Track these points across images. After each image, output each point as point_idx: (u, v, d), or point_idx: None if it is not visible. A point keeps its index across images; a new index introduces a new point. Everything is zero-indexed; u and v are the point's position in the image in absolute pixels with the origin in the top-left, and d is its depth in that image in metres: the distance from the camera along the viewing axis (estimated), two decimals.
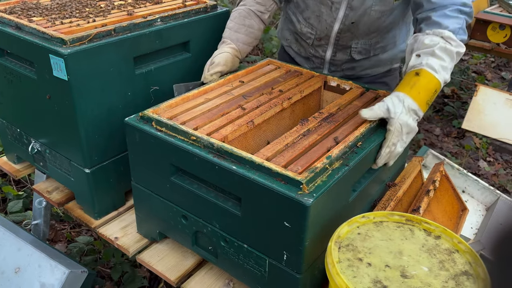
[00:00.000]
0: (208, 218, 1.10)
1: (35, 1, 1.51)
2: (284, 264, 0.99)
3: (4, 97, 1.50)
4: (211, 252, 1.17)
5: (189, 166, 1.06)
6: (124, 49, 1.30)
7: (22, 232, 1.58)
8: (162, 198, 1.19)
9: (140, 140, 1.14)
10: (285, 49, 1.82)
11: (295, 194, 0.89)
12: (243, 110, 1.21)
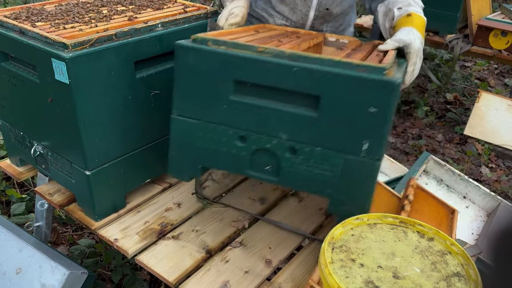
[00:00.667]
0: (273, 131, 1.07)
1: (39, 6, 1.55)
2: (362, 156, 1.00)
3: (8, 101, 1.53)
4: (270, 172, 1.13)
5: (259, 77, 1.04)
6: (125, 53, 1.32)
7: (24, 233, 1.60)
8: (214, 124, 1.13)
9: (195, 62, 1.08)
10: None
11: (382, 77, 0.94)
12: (281, 42, 1.24)
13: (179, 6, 1.64)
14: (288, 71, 1.00)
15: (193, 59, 1.08)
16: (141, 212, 1.51)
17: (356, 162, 1.01)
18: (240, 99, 1.09)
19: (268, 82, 1.04)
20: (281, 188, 1.65)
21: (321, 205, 1.57)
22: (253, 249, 1.37)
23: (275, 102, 1.06)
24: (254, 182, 1.68)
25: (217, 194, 1.62)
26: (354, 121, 0.99)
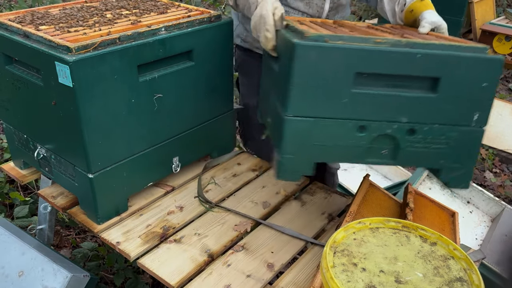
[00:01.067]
0: (393, 117, 1.14)
1: (43, 10, 1.56)
2: (473, 125, 1.15)
3: (12, 104, 1.54)
4: (387, 156, 1.20)
5: (380, 66, 1.10)
6: (128, 57, 1.33)
7: (27, 236, 1.60)
8: (333, 119, 1.16)
9: (316, 60, 1.09)
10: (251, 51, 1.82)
11: (488, 55, 1.10)
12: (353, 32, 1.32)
13: (183, 10, 1.65)
14: (409, 58, 1.09)
15: (315, 56, 1.09)
16: (144, 215, 1.51)
17: (468, 132, 1.16)
18: (361, 90, 1.13)
19: (388, 71, 1.11)
20: (283, 192, 1.65)
21: (323, 209, 1.56)
22: (255, 253, 1.36)
23: (395, 89, 1.13)
24: (257, 187, 1.68)
25: (220, 198, 1.62)
26: (469, 97, 1.13)
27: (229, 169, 1.80)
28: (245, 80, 1.90)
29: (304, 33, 1.10)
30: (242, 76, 1.91)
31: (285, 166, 1.20)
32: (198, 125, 1.68)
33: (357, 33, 1.24)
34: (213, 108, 1.72)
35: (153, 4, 1.69)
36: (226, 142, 1.87)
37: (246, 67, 1.87)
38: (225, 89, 1.75)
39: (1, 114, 1.64)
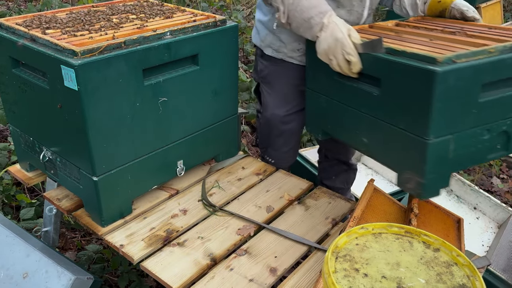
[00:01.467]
0: (507, 114, 1.31)
1: (50, 14, 1.57)
2: None
3: (18, 107, 1.56)
4: (501, 149, 1.36)
5: (502, 73, 1.24)
6: (134, 61, 1.34)
7: (32, 238, 1.61)
8: (465, 131, 1.26)
9: (453, 82, 1.16)
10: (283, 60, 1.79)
11: None
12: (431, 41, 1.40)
13: (188, 15, 1.66)
14: None
15: (452, 79, 1.15)
16: (147, 218, 1.52)
17: None
18: (487, 98, 1.22)
19: (508, 75, 1.22)
20: (287, 197, 1.64)
21: (327, 214, 1.56)
22: (258, 257, 1.36)
23: (510, 88, 1.25)
24: (260, 191, 1.68)
25: (224, 201, 1.62)
26: None
27: (233, 173, 1.80)
28: (270, 90, 1.84)
29: (435, 58, 1.14)
30: (268, 86, 1.85)
31: (429, 185, 1.26)
32: (203, 129, 1.69)
33: (422, 37, 1.39)
34: (217, 111, 1.73)
35: (159, 8, 1.70)
36: (230, 145, 1.87)
37: (274, 77, 1.81)
38: (230, 93, 1.75)
39: (8, 116, 1.66)
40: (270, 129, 1.90)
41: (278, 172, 1.81)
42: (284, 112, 1.83)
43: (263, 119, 1.91)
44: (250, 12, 4.54)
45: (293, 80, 1.79)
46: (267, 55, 1.80)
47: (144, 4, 1.78)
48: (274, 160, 1.93)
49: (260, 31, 1.79)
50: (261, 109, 1.92)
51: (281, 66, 1.79)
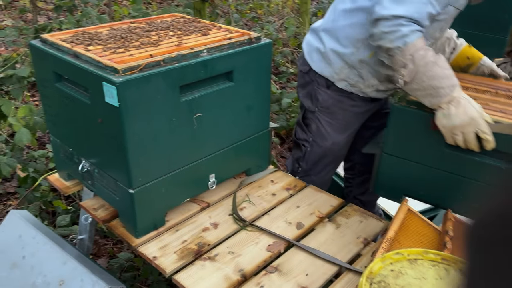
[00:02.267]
0: None
1: (92, 30, 1.63)
2: None
3: (59, 119, 1.62)
4: None
5: None
6: (172, 78, 1.38)
7: (68, 246, 1.67)
8: None
9: None
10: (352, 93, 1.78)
11: None
12: None
13: (224, 31, 1.69)
14: None
15: None
16: (180, 231, 1.55)
17: None
18: None
19: None
20: (318, 213, 1.64)
21: (359, 233, 1.55)
22: (288, 276, 1.37)
23: None
24: (291, 206, 1.69)
25: (254, 216, 1.63)
26: None
27: (264, 187, 1.81)
28: (332, 119, 1.82)
29: None
30: (329, 115, 1.82)
31: None
32: (235, 143, 1.71)
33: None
34: (249, 126, 1.75)
35: (196, 25, 1.74)
36: (261, 160, 1.88)
37: (339, 108, 1.79)
38: (262, 108, 1.77)
39: (49, 127, 1.72)
40: (323, 157, 1.89)
41: (308, 187, 1.81)
42: (344, 139, 1.87)
43: (316, 148, 1.88)
44: (281, 24, 4.57)
45: (357, 109, 1.81)
46: (337, 87, 1.76)
47: (181, 20, 1.82)
48: (318, 186, 1.92)
49: (334, 62, 1.72)
50: (311, 137, 1.89)
51: (348, 97, 1.78)
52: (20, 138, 2.19)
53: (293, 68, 4.07)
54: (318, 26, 1.82)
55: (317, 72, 1.79)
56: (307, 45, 1.86)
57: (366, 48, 1.64)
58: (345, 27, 1.67)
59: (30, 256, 1.60)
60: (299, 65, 1.91)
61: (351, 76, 1.72)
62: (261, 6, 4.78)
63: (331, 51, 1.72)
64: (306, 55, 1.83)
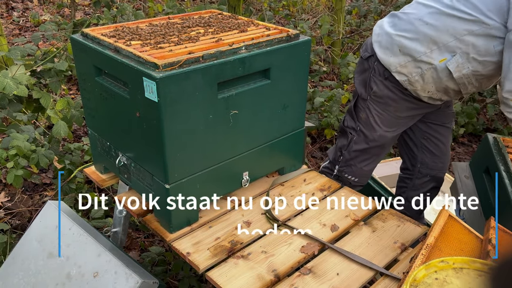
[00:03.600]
0: None
1: (133, 25, 1.65)
2: None
3: (98, 113, 1.64)
4: None
5: None
6: (210, 75, 1.37)
7: (102, 238, 1.69)
8: None
9: None
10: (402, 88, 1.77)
11: None
12: None
13: (262, 28, 1.67)
14: None
15: None
16: (213, 227, 1.54)
17: None
18: None
19: None
20: (353, 216, 1.60)
21: (396, 238, 1.50)
22: (322, 278, 1.34)
23: None
24: (325, 208, 1.66)
25: (287, 216, 1.61)
26: None
27: (297, 187, 1.79)
28: (383, 111, 1.82)
29: None
30: (381, 106, 1.82)
31: None
32: (270, 141, 1.69)
33: None
34: (285, 125, 1.73)
35: (234, 22, 1.73)
36: (295, 159, 1.86)
37: (394, 101, 1.79)
38: (298, 107, 1.75)
39: (87, 121, 1.75)
40: (367, 148, 1.89)
41: (343, 189, 1.77)
42: (391, 133, 1.86)
43: (361, 138, 1.89)
44: (315, 22, 4.52)
45: (411, 105, 1.80)
46: (396, 79, 1.74)
47: (219, 17, 1.82)
48: (358, 178, 1.92)
49: (401, 54, 1.70)
50: (359, 126, 1.89)
51: (402, 93, 1.77)
52: (58, 131, 2.23)
53: (326, 67, 4.02)
54: (401, 12, 1.76)
55: (378, 59, 1.76)
56: (379, 27, 1.81)
57: (440, 53, 1.63)
58: (429, 25, 1.63)
59: (65, 247, 1.63)
60: (362, 51, 1.90)
61: (413, 73, 1.70)
62: (295, 4, 4.74)
63: (402, 40, 1.69)
64: (374, 39, 1.80)
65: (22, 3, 6.64)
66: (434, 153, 2.01)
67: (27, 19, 5.94)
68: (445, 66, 1.63)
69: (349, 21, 4.68)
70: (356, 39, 4.49)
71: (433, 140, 1.99)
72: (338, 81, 3.87)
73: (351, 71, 3.69)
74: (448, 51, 1.61)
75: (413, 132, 2.00)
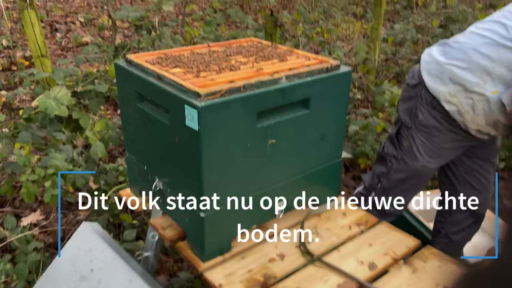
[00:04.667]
0: None
1: (175, 53, 1.67)
2: None
3: (138, 137, 1.66)
4: None
5: None
6: (250, 104, 1.37)
7: (133, 262, 1.69)
8: None
9: None
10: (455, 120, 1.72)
11: None
12: None
13: (302, 58, 1.66)
14: None
15: None
16: (246, 259, 1.51)
17: None
18: None
19: None
20: (392, 254, 1.54)
21: (438, 280, 1.43)
22: None
23: None
24: (362, 244, 1.60)
25: (322, 251, 1.56)
26: None
27: (333, 220, 1.74)
28: (428, 141, 1.78)
29: None
30: (426, 136, 1.77)
31: None
32: (306, 172, 1.66)
33: None
34: (322, 155, 1.70)
35: (274, 51, 1.74)
36: (331, 190, 1.82)
37: (439, 131, 1.75)
38: (336, 137, 1.71)
39: (126, 144, 1.77)
40: (407, 178, 1.85)
41: (381, 224, 1.71)
42: (434, 164, 1.82)
43: (402, 167, 1.84)
44: (351, 49, 4.51)
45: (456, 137, 1.75)
46: (444, 108, 1.70)
47: (258, 46, 1.83)
48: (393, 209, 1.88)
49: (452, 83, 1.65)
50: (401, 155, 1.85)
51: (450, 123, 1.73)
52: (95, 151, 2.28)
53: (360, 94, 3.98)
54: (453, 41, 1.73)
55: (427, 88, 1.72)
56: (428, 55, 1.78)
57: (493, 85, 1.59)
58: (484, 56, 1.59)
59: (98, 270, 1.64)
60: (408, 78, 1.86)
61: (463, 103, 1.65)
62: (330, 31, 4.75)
63: (454, 69, 1.65)
64: (423, 67, 1.76)
65: (65, 25, 6.95)
66: (477, 188, 1.94)
67: (70, 40, 6.19)
68: (498, 99, 1.58)
69: (384, 49, 4.65)
70: (391, 67, 4.45)
71: (476, 175, 1.92)
72: (373, 109, 3.81)
73: (386, 100, 3.63)
74: (502, 83, 1.56)
75: (455, 166, 1.94)
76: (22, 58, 5.20)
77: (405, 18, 6.51)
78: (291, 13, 5.26)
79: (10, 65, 5.09)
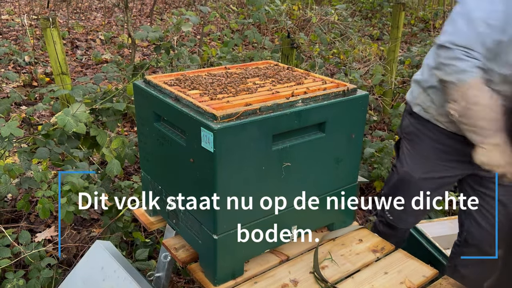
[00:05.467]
0: None
1: (193, 74, 1.69)
2: None
3: (153, 157, 1.67)
4: None
5: None
6: (266, 127, 1.36)
7: (145, 283, 1.67)
8: None
9: None
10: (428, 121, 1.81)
11: None
12: None
13: (319, 81, 1.66)
14: None
15: None
16: (258, 283, 1.49)
17: None
18: None
19: None
20: (408, 283, 1.50)
21: None
22: None
23: None
24: (378, 272, 1.56)
25: (337, 278, 1.53)
26: None
27: (347, 246, 1.71)
28: (411, 148, 1.90)
29: None
30: (409, 143, 1.91)
31: None
32: (320, 195, 1.64)
33: None
34: (337, 179, 1.68)
35: (290, 73, 1.74)
36: (346, 215, 1.79)
37: (417, 136, 1.87)
38: (352, 161, 1.70)
39: (141, 163, 1.78)
40: (397, 185, 1.93)
41: (397, 252, 1.67)
42: (420, 175, 1.85)
43: (395, 174, 1.96)
44: (367, 71, 4.51)
45: (437, 144, 1.80)
46: (415, 112, 1.84)
47: (275, 68, 1.84)
48: (394, 217, 1.94)
49: (414, 90, 1.87)
50: (397, 163, 1.97)
51: (426, 127, 1.81)
52: (111, 169, 2.29)
53: (376, 116, 3.96)
54: None
55: (407, 100, 1.96)
56: None
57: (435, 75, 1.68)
58: (428, 56, 1.81)
59: None
60: None
61: (425, 101, 1.80)
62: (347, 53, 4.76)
63: (414, 80, 1.89)
64: None
65: (86, 42, 7.11)
66: (481, 224, 1.87)
67: (90, 57, 6.33)
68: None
69: (401, 71, 4.64)
70: (408, 89, 4.42)
71: (481, 210, 1.85)
72: (389, 132, 3.78)
73: None
74: None
75: (465, 197, 1.90)
76: (43, 74, 5.33)
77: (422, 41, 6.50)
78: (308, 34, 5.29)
79: (31, 81, 5.21)
